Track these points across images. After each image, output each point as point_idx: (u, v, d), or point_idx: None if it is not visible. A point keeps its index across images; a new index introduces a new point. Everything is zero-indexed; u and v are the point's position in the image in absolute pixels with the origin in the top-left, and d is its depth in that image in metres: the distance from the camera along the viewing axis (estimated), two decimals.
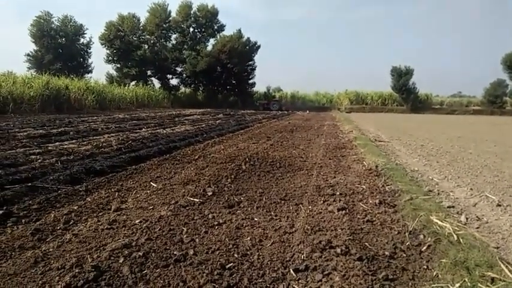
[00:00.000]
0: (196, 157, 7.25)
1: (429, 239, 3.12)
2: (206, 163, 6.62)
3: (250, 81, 49.48)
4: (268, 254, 2.84)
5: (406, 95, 49.25)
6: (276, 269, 2.60)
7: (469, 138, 13.17)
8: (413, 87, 49.64)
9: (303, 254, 2.80)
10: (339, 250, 2.85)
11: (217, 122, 17.92)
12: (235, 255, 2.80)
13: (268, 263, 2.69)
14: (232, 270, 2.57)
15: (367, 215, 3.84)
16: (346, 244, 2.97)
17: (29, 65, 43.75)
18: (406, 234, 3.29)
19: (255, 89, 51.27)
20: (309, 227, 3.39)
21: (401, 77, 48.98)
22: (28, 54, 43.92)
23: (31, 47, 44.29)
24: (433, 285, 2.41)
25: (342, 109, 49.02)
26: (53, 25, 44.50)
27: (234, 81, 48.56)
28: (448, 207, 4.36)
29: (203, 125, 15.25)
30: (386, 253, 2.89)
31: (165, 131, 12.22)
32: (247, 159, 6.93)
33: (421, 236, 3.24)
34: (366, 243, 3.06)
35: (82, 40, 46.85)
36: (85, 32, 46.67)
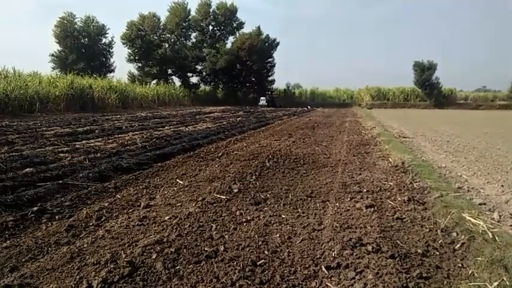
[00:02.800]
0: (220, 154, 7.29)
1: (462, 236, 3.06)
2: (230, 160, 6.66)
3: (270, 78, 49.40)
4: (298, 251, 2.84)
5: (429, 90, 48.18)
6: (307, 266, 2.59)
7: (496, 134, 12.80)
8: (437, 82, 48.51)
9: (333, 251, 2.78)
10: (370, 248, 2.83)
11: (237, 119, 17.97)
12: (266, 252, 2.80)
13: (299, 260, 2.68)
14: (263, 266, 2.57)
15: (397, 212, 3.79)
16: (377, 242, 2.93)
17: (53, 65, 44.94)
18: (438, 231, 3.23)
19: (274, 86, 51.16)
20: (337, 224, 3.37)
21: (424, 71, 47.94)
22: (52, 55, 45.11)
23: (54, 47, 45.46)
24: (469, 284, 2.36)
25: (362, 105, 48.35)
26: (76, 26, 45.49)
27: (253, 79, 48.56)
28: (479, 204, 4.25)
29: (224, 123, 15.33)
30: (419, 251, 2.84)
31: (187, 129, 12.35)
32: (270, 156, 6.93)
33: (454, 234, 3.17)
34: (397, 241, 3.02)
35: (104, 40, 47.80)
36: (107, 32, 47.60)
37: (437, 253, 2.85)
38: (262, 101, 41.81)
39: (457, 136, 11.90)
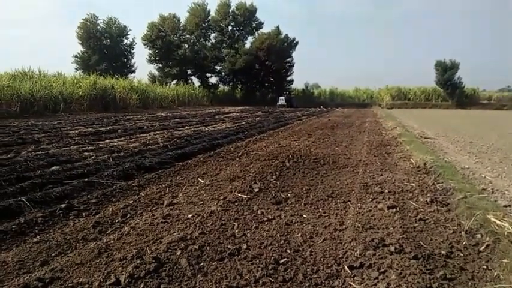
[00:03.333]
0: (240, 154, 7.35)
1: (487, 238, 3.01)
2: (250, 160, 6.70)
3: (289, 78, 49.34)
4: (321, 250, 2.85)
5: (451, 90, 47.20)
6: (329, 265, 2.61)
7: None
8: (459, 82, 47.46)
9: (356, 251, 2.79)
10: (392, 248, 2.81)
11: (256, 119, 18.03)
12: (288, 250, 2.83)
13: (321, 259, 2.70)
14: (286, 265, 2.60)
15: (419, 213, 3.75)
16: (399, 242, 2.92)
17: (77, 65, 46.05)
18: (462, 233, 3.19)
19: (293, 86, 51.03)
20: (359, 225, 3.36)
21: (446, 71, 46.97)
22: (76, 56, 46.23)
23: (77, 48, 46.58)
24: (495, 286, 2.33)
25: (382, 105, 47.74)
26: (99, 27, 46.45)
27: (272, 79, 48.58)
28: (504, 206, 4.16)
29: (243, 123, 15.40)
30: (443, 252, 2.82)
31: (206, 129, 12.46)
32: (290, 156, 6.95)
33: (479, 236, 3.13)
34: (420, 242, 3.00)
35: (125, 41, 48.66)
36: (128, 33, 48.43)
37: (462, 254, 2.82)
38: (281, 100, 41.25)
39: (481, 137, 11.64)
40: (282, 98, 42.08)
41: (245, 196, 4.29)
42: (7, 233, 3.12)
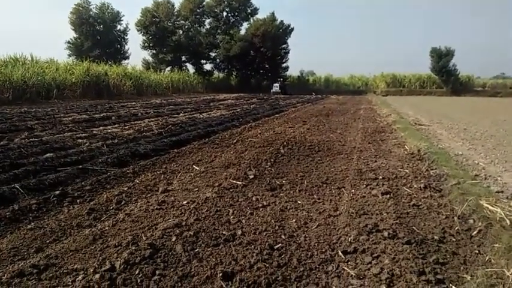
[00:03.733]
0: (235, 141, 7.34)
1: (479, 223, 3.05)
2: (245, 147, 6.70)
3: (284, 65, 48.96)
4: (315, 235, 2.87)
5: (446, 77, 47.11)
6: (323, 250, 2.63)
7: None
8: (454, 69, 47.36)
9: (349, 236, 2.81)
10: (386, 233, 2.84)
11: (251, 106, 17.97)
12: (282, 236, 2.85)
13: (316, 244, 2.72)
14: (280, 250, 2.62)
15: (413, 199, 3.79)
16: (393, 228, 2.95)
17: (69, 52, 45.40)
18: (455, 218, 3.23)
19: (288, 73, 50.75)
20: (353, 211, 3.39)
21: (441, 58, 46.82)
22: (68, 42, 45.55)
23: (70, 34, 45.85)
24: (486, 270, 2.36)
25: (378, 92, 47.68)
26: (91, 12, 45.71)
27: (267, 66, 48.20)
28: (497, 192, 4.20)
29: (238, 110, 15.35)
30: (436, 237, 2.85)
31: (201, 116, 12.42)
32: (285, 143, 6.95)
33: (471, 221, 3.16)
34: (414, 227, 3.03)
35: (119, 27, 47.97)
36: (122, 19, 47.72)
37: (454, 239, 2.86)
38: (275, 87, 40.81)
39: (474, 124, 11.69)
40: (276, 85, 41.62)
41: (240, 183, 4.29)
42: (1, 220, 3.11)
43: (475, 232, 2.95)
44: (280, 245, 2.70)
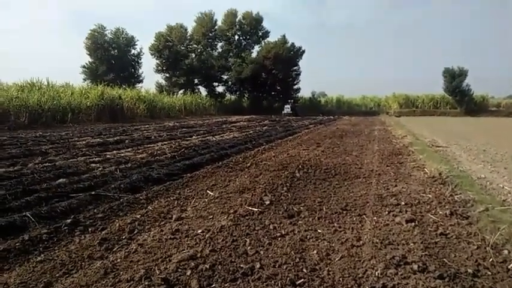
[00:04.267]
0: (249, 164, 7.21)
1: None
2: (259, 171, 6.56)
3: (295, 87, 49.17)
4: (339, 269, 2.69)
5: (459, 97, 46.72)
6: (349, 286, 2.44)
7: None
8: (468, 89, 46.97)
9: (376, 270, 2.62)
10: (415, 266, 2.65)
11: (264, 128, 17.90)
12: (304, 270, 2.67)
13: (340, 279, 2.54)
14: (303, 286, 2.44)
15: (439, 227, 3.57)
16: (422, 260, 2.75)
17: (85, 76, 46.33)
18: (488, 249, 3.01)
19: (300, 94, 50.90)
20: (377, 240, 3.20)
21: (455, 78, 46.55)
22: (84, 66, 46.53)
23: (86, 59, 46.90)
24: None
25: (390, 113, 47.39)
26: (106, 37, 46.85)
27: (278, 87, 48.49)
28: None
29: (251, 132, 15.27)
30: (469, 270, 2.64)
31: (214, 138, 12.35)
32: (300, 167, 6.80)
33: (505, 252, 2.95)
34: (444, 259, 2.83)
35: (133, 51, 48.96)
36: (136, 44, 48.76)
37: (489, 273, 2.64)
38: (287, 109, 40.91)
39: (493, 145, 11.38)
40: (288, 106, 41.77)
41: (256, 209, 4.14)
42: (10, 251, 3.00)
43: (511, 265, 2.73)
44: (302, 280, 2.52)
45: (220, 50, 50.30)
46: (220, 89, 50.35)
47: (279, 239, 3.29)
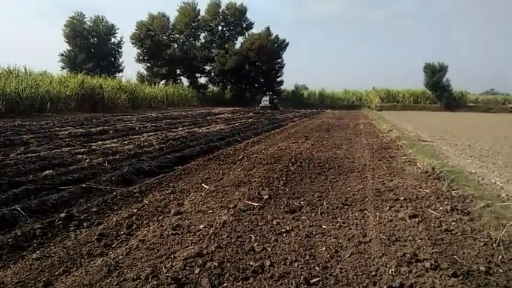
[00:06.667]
0: (240, 157, 7.10)
1: None
2: (252, 164, 6.46)
3: (279, 79, 49.01)
4: (351, 267, 2.62)
5: (439, 92, 47.54)
6: (365, 285, 2.38)
7: None
8: (447, 85, 47.84)
9: (389, 268, 2.57)
10: (427, 264, 2.61)
11: (249, 120, 17.77)
12: (316, 268, 2.59)
13: (354, 277, 2.47)
14: (318, 285, 2.37)
15: (442, 223, 3.56)
16: (434, 257, 2.72)
17: (63, 64, 45.06)
18: (495, 246, 3.00)
19: (283, 87, 50.78)
20: (384, 237, 3.15)
21: (435, 73, 47.30)
22: (62, 54, 45.20)
23: (64, 47, 45.56)
24: None
25: (372, 107, 47.86)
26: (86, 25, 45.57)
27: (262, 80, 48.18)
28: None
29: (236, 124, 15.12)
30: (481, 268, 2.62)
31: (200, 130, 12.17)
32: (293, 160, 6.73)
33: None
34: (455, 256, 2.80)
35: (113, 40, 47.84)
36: (116, 32, 47.62)
37: (501, 270, 2.63)
38: (265, 101, 34.70)
39: (477, 140, 11.59)
40: (266, 99, 35.45)
41: (256, 204, 4.04)
42: (3, 248, 2.82)
43: None
44: (316, 278, 2.44)
45: (203, 40, 49.64)
46: (202, 80, 49.84)
47: (285, 235, 3.21)
